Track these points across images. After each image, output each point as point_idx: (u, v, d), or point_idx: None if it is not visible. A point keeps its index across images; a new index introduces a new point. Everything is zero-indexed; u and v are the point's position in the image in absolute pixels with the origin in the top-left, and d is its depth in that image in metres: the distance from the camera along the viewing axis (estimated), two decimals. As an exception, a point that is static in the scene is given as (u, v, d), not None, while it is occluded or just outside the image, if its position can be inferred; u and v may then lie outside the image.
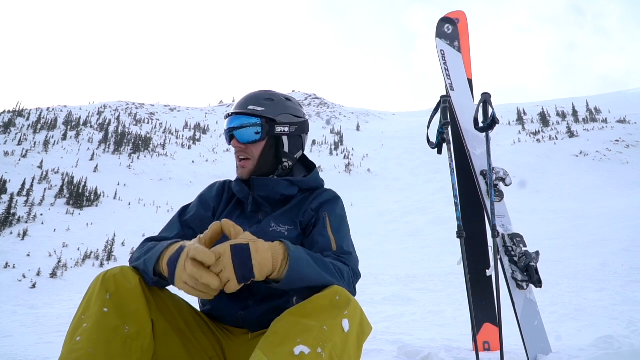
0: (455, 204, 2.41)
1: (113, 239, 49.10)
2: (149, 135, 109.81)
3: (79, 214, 59.81)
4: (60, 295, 10.46)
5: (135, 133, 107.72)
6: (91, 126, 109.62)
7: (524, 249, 2.45)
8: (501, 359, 2.19)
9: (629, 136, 69.37)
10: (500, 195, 2.58)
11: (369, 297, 5.84)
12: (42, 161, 77.87)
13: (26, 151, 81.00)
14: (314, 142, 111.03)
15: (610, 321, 3.71)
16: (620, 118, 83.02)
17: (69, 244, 48.41)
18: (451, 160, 2.53)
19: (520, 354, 2.41)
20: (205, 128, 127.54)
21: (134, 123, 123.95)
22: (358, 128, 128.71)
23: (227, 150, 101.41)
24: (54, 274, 40.16)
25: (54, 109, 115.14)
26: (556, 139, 76.91)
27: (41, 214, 57.38)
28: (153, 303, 1.03)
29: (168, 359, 1.05)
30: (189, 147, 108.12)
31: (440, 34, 3.07)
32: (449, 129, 2.61)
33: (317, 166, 1.46)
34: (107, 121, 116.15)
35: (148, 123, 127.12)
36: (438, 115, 2.69)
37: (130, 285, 1.00)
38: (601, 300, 5.00)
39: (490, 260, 2.71)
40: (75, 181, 68.25)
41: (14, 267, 41.52)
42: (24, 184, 63.80)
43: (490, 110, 2.49)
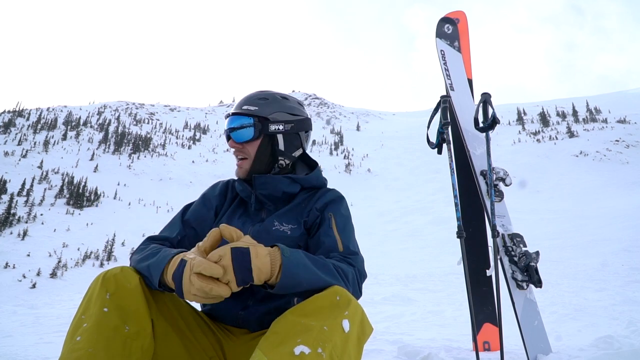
0: (455, 204, 2.41)
1: (113, 239, 49.08)
2: (149, 135, 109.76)
3: (79, 214, 59.79)
4: (60, 295, 10.45)
5: (135, 133, 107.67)
6: (91, 126, 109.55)
7: (524, 249, 2.45)
8: (501, 359, 2.19)
9: (629, 136, 69.33)
10: (500, 195, 2.58)
11: (369, 297, 5.83)
12: (42, 161, 77.83)
13: (26, 151, 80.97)
14: (314, 142, 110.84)
15: (610, 321, 3.71)
16: (620, 118, 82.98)
17: (69, 244, 48.40)
18: (451, 160, 2.53)
19: (520, 354, 2.41)
20: (205, 128, 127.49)
21: (134, 123, 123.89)
22: (358, 128, 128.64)
23: (227, 150, 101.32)
24: (54, 274, 40.15)
25: (54, 109, 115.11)
26: (556, 139, 76.85)
27: (41, 214, 57.37)
28: (153, 303, 1.03)
29: (168, 359, 1.05)
30: (189, 147, 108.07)
31: (440, 34, 3.07)
32: (449, 129, 2.61)
33: (319, 165, 1.46)
34: (107, 121, 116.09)
35: (148, 123, 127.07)
36: (438, 115, 2.69)
37: (130, 285, 1.00)
38: (601, 300, 5.00)
39: (490, 260, 2.71)
40: (75, 181, 68.22)
41: (14, 267, 41.50)
42: (24, 184, 63.78)
43: (490, 110, 2.49)
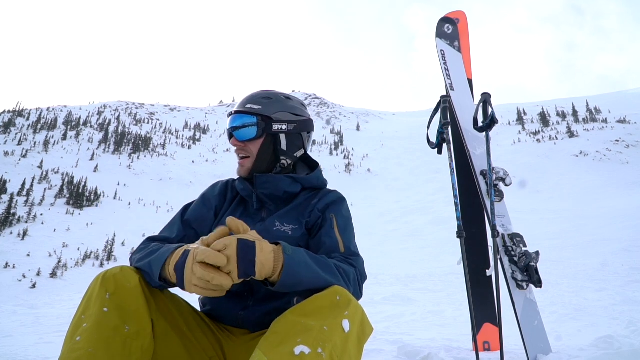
0: (455, 204, 2.41)
1: (113, 239, 49.11)
2: (149, 135, 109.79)
3: (79, 214, 59.81)
4: (60, 295, 10.45)
5: (135, 133, 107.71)
6: (91, 126, 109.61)
7: (524, 249, 2.44)
8: (501, 359, 2.18)
9: (629, 136, 69.36)
10: (500, 195, 2.58)
11: (369, 297, 5.83)
12: (42, 161, 77.88)
13: (26, 151, 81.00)
14: (314, 142, 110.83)
15: (610, 321, 3.71)
16: (620, 118, 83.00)
17: (69, 244, 48.42)
18: (451, 160, 2.52)
19: (520, 354, 2.40)
20: (205, 128, 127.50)
21: (134, 123, 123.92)
22: (358, 128, 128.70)
23: (227, 150, 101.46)
24: (54, 274, 40.17)
25: (54, 109, 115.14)
26: (556, 139, 76.89)
27: (41, 214, 57.38)
28: (153, 303, 1.03)
29: (168, 359, 1.05)
30: (189, 147, 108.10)
31: (440, 34, 3.07)
32: (449, 129, 2.60)
33: (320, 166, 1.46)
34: (107, 121, 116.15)
35: (148, 123, 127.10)
36: (438, 115, 2.69)
37: (130, 285, 1.00)
38: (601, 300, 5.00)
39: (490, 260, 2.71)
40: (75, 181, 68.25)
41: (14, 267, 41.53)
42: (24, 184, 63.81)
43: (489, 110, 2.49)
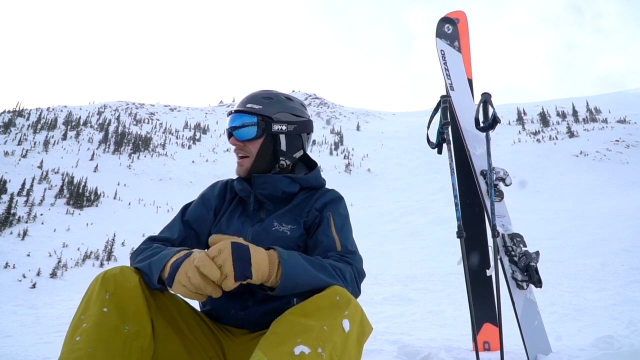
0: (455, 204, 2.41)
1: (113, 239, 49.07)
2: (149, 135, 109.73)
3: (79, 214, 59.78)
4: (60, 295, 10.45)
5: (135, 133, 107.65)
6: (91, 126, 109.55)
7: (524, 249, 2.44)
8: (501, 359, 2.18)
9: (629, 136, 69.35)
10: (500, 195, 2.58)
11: (369, 297, 5.83)
12: (42, 161, 77.82)
13: (26, 151, 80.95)
14: (314, 142, 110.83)
15: (610, 321, 3.71)
16: (620, 118, 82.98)
17: (69, 244, 48.38)
18: (451, 160, 2.52)
19: (520, 354, 2.40)
20: (205, 128, 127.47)
21: (134, 123, 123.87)
22: (358, 128, 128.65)
23: (227, 150, 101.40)
24: (54, 274, 40.14)
25: (54, 109, 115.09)
26: (556, 139, 76.87)
27: (41, 214, 57.35)
28: (153, 303, 1.04)
29: (168, 359, 1.05)
30: (189, 147, 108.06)
31: (440, 34, 3.07)
32: (449, 129, 2.60)
33: (318, 166, 1.46)
34: (107, 121, 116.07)
35: (148, 123, 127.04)
36: (438, 115, 2.68)
37: (130, 285, 1.00)
38: (601, 300, 5.00)
39: (490, 260, 2.71)
40: (75, 181, 68.20)
41: (14, 267, 41.50)
42: (24, 184, 63.77)
43: (490, 110, 2.49)
